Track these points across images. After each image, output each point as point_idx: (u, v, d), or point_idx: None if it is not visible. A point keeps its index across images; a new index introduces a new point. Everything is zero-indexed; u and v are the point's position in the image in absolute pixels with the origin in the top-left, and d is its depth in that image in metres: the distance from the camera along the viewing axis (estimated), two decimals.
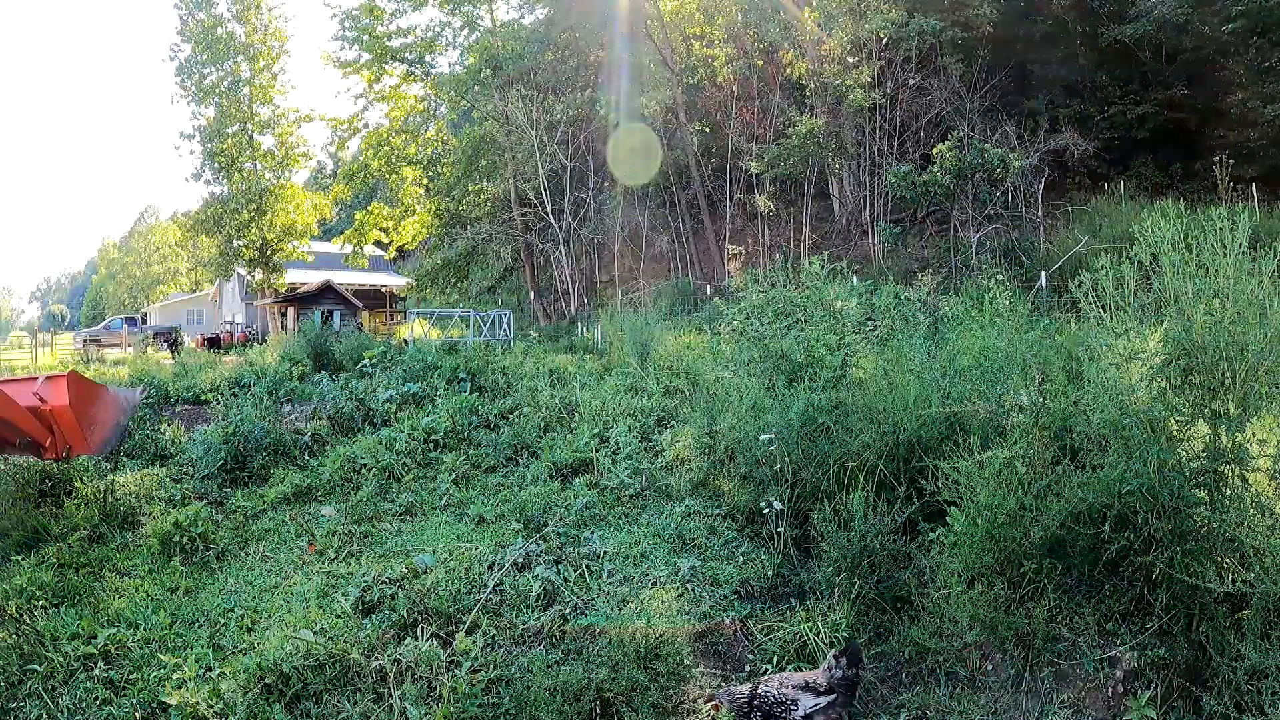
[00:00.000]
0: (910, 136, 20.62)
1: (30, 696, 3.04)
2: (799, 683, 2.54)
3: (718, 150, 24.06)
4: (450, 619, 3.24)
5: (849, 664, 2.53)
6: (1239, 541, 2.47)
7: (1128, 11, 19.64)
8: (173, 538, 4.48)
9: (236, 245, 26.12)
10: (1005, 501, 2.76)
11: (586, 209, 24.55)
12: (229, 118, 25.81)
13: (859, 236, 21.03)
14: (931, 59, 19.84)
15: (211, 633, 3.55)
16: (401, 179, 25.77)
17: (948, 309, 7.44)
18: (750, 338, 6.18)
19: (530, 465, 5.93)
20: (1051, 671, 2.71)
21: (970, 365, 4.01)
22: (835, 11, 18.94)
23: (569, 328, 20.54)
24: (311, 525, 4.78)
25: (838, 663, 2.53)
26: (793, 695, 2.52)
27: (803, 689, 2.52)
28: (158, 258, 66.92)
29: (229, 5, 25.98)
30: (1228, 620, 2.50)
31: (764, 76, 22.31)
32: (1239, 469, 2.57)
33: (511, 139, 24.51)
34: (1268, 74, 17.12)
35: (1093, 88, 20.16)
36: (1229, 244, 2.62)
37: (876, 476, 3.56)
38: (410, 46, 24.55)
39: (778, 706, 2.52)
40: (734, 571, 3.68)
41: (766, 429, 4.14)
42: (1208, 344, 2.57)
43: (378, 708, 2.75)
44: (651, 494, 4.92)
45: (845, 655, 2.54)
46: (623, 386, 7.84)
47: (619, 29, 22.52)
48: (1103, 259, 2.96)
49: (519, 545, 3.94)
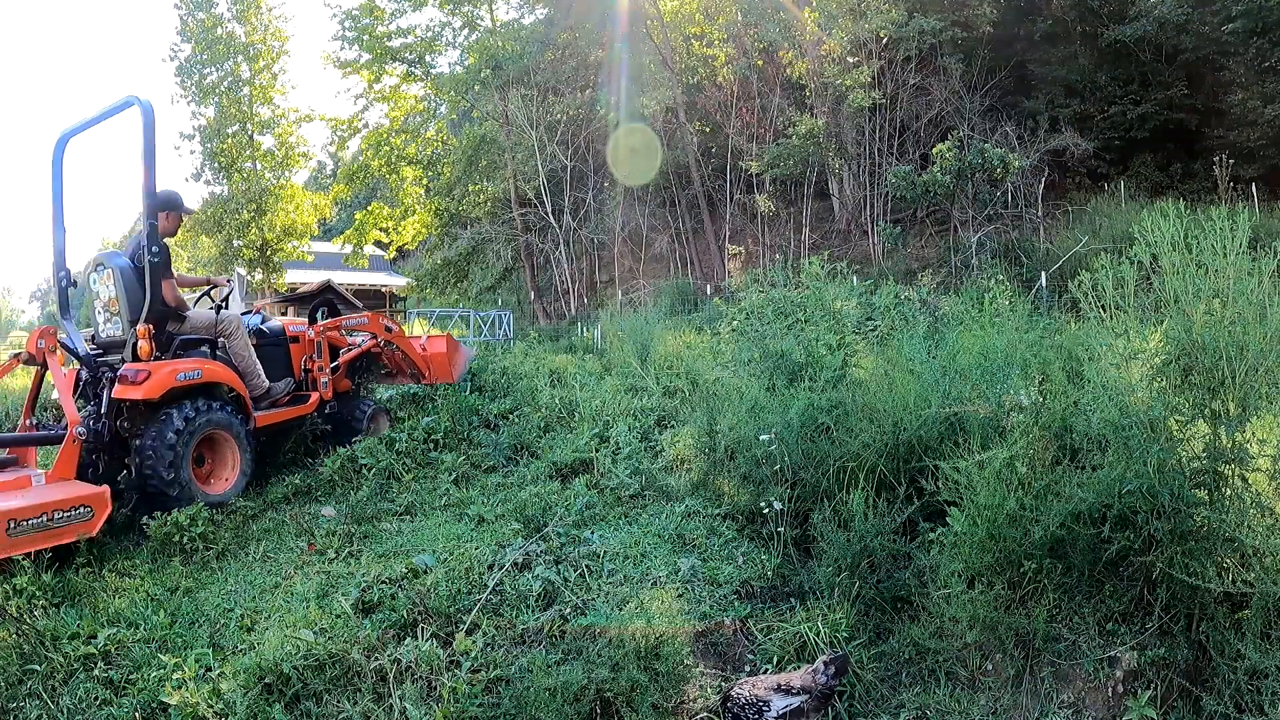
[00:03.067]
0: (910, 136, 20.61)
1: (30, 696, 3.04)
2: (773, 685, 2.54)
3: (718, 150, 24.05)
4: (450, 619, 3.24)
5: (835, 673, 2.52)
6: (1239, 541, 2.47)
7: (1128, 11, 19.62)
8: (173, 537, 4.48)
9: (236, 245, 26.12)
10: (1005, 501, 2.76)
11: (586, 209, 24.54)
12: (229, 118, 25.80)
13: (859, 236, 21.03)
14: (931, 59, 19.83)
15: (211, 633, 3.56)
16: (401, 179, 25.77)
17: (948, 309, 7.44)
18: (750, 338, 6.19)
19: (530, 465, 5.93)
20: (1051, 671, 2.71)
21: (970, 365, 4.01)
22: (835, 11, 18.93)
23: (569, 328, 20.54)
24: (311, 525, 4.78)
25: (825, 668, 2.52)
26: (765, 697, 2.51)
27: (775, 690, 2.52)
28: None
29: (229, 5, 25.96)
30: (1228, 620, 2.50)
31: (764, 76, 22.31)
32: (1239, 469, 2.57)
33: (511, 139, 24.51)
34: (1268, 74, 17.12)
35: (1093, 88, 20.15)
36: (1229, 244, 2.62)
37: (876, 476, 3.56)
38: (410, 46, 24.55)
39: (749, 709, 2.51)
40: (734, 571, 3.68)
41: (766, 429, 4.14)
42: (1208, 344, 2.57)
43: (378, 708, 2.75)
44: (651, 494, 4.91)
45: (833, 663, 2.53)
46: (623, 386, 7.84)
47: (619, 29, 22.51)
48: (1103, 259, 2.96)
49: (519, 545, 3.94)
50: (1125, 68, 20.11)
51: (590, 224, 24.49)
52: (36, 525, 3.93)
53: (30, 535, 3.90)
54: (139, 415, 4.84)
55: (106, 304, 5.17)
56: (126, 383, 4.63)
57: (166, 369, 4.81)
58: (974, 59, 19.96)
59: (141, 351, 4.76)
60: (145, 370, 4.67)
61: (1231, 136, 17.44)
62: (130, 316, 4.98)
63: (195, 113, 26.17)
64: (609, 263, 25.37)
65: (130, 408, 4.83)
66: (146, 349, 4.79)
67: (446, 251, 26.25)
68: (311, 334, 6.22)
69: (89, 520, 4.18)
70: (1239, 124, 17.82)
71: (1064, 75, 20.42)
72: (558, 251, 24.57)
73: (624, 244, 24.94)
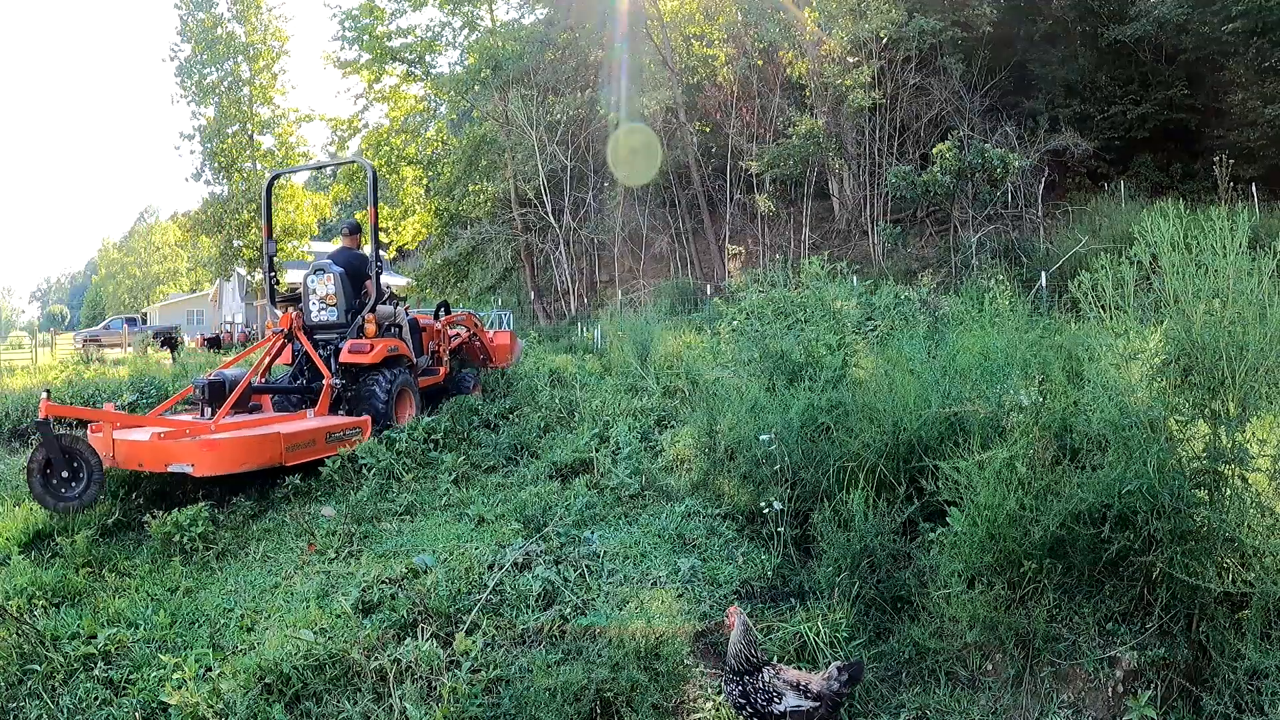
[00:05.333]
0: (910, 136, 20.62)
1: (30, 696, 3.04)
2: (793, 680, 2.54)
3: (718, 150, 24.06)
4: (450, 619, 3.24)
5: (849, 680, 2.52)
6: (1239, 541, 2.47)
7: (1128, 11, 19.64)
8: (173, 537, 4.48)
9: (236, 245, 26.14)
10: (1005, 501, 2.76)
11: (586, 209, 24.55)
12: (229, 118, 25.82)
13: (859, 236, 21.03)
14: (931, 59, 19.83)
15: (211, 633, 3.55)
16: (401, 179, 25.78)
17: (948, 309, 7.44)
18: (750, 338, 6.19)
19: (530, 465, 5.93)
20: (1051, 671, 2.71)
21: (970, 365, 4.01)
22: (835, 11, 18.94)
23: (569, 328, 20.54)
24: (311, 525, 4.78)
25: (839, 674, 2.52)
26: (780, 689, 2.51)
27: (793, 687, 2.52)
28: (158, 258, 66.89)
29: (229, 5, 25.99)
30: (1228, 620, 2.50)
31: (764, 76, 22.31)
32: (1239, 469, 2.57)
33: (511, 139, 24.51)
34: (1268, 74, 17.13)
35: (1093, 88, 20.16)
36: (1229, 244, 2.62)
37: (876, 476, 3.56)
38: (410, 46, 24.55)
39: (760, 692, 2.52)
40: (734, 571, 3.67)
41: (766, 429, 4.14)
42: (1208, 344, 2.57)
43: (378, 708, 2.75)
44: (651, 494, 4.91)
45: (847, 670, 2.53)
46: (623, 386, 7.84)
47: (619, 29, 22.52)
48: (1103, 259, 2.96)
49: (519, 545, 3.94)
50: (1125, 68, 20.12)
51: (590, 224, 24.49)
52: (337, 439, 5.77)
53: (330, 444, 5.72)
54: (362, 372, 6.68)
55: (323, 298, 7.01)
56: (358, 352, 6.50)
57: (380, 344, 6.65)
58: (974, 59, 19.96)
59: (368, 332, 6.76)
60: (370, 344, 6.59)
61: (1231, 136, 17.45)
62: (345, 307, 6.95)
63: (195, 113, 26.22)
64: (609, 263, 25.37)
65: (356, 368, 6.65)
66: (372, 330, 6.78)
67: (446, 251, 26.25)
68: (438, 325, 8.21)
69: (358, 437, 5.97)
70: (1239, 124, 17.83)
71: (1064, 75, 20.42)
72: (558, 251, 24.58)
73: (624, 244, 24.95)
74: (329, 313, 7.00)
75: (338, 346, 6.72)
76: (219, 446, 5.03)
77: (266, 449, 5.22)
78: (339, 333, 6.91)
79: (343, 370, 6.66)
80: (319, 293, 7.01)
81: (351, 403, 6.63)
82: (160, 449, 4.98)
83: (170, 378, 10.72)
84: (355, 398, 6.62)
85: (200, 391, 6.40)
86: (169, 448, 4.98)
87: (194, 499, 5.11)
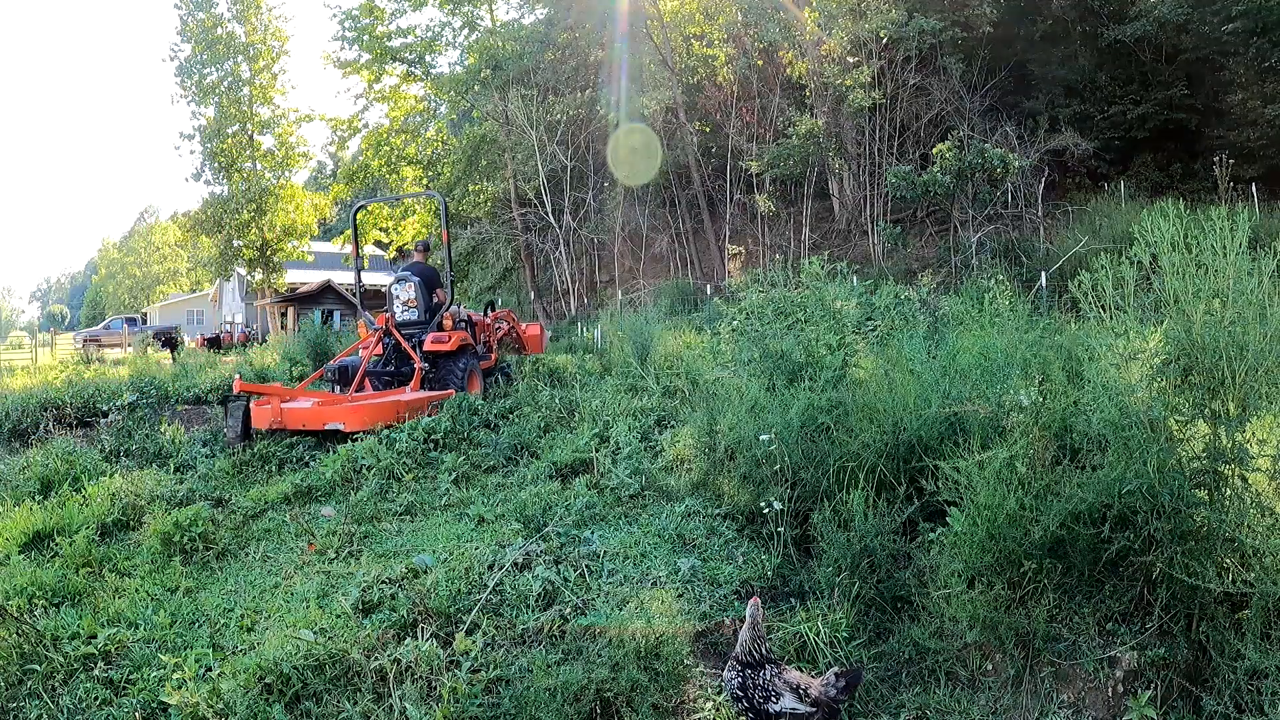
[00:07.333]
0: (910, 136, 20.61)
1: (30, 696, 3.04)
2: (794, 682, 2.53)
3: (718, 150, 24.06)
4: (450, 619, 3.24)
5: (846, 687, 2.51)
6: (1239, 541, 2.47)
7: (1128, 11, 19.63)
8: (173, 537, 4.48)
9: (236, 245, 26.14)
10: (1005, 501, 2.76)
11: (586, 209, 24.55)
12: (229, 118, 25.82)
13: (859, 236, 21.03)
14: (931, 59, 19.83)
15: (211, 633, 3.55)
16: (401, 179, 25.78)
17: (948, 309, 7.43)
18: (750, 338, 6.18)
19: (530, 465, 5.93)
20: (1051, 671, 2.71)
21: (970, 365, 4.01)
22: (835, 11, 18.94)
23: (569, 328, 20.55)
24: (311, 525, 4.78)
25: (837, 680, 2.51)
26: (780, 689, 2.51)
27: (791, 689, 2.52)
28: (158, 258, 66.88)
29: (229, 5, 25.99)
30: (1228, 620, 2.50)
31: (764, 76, 22.31)
32: (1239, 469, 2.57)
33: (511, 139, 24.52)
34: (1268, 74, 17.14)
35: (1093, 88, 20.16)
36: (1229, 244, 2.62)
37: (876, 476, 3.56)
38: (410, 46, 24.56)
39: (759, 688, 2.52)
40: (734, 571, 3.67)
41: (766, 429, 4.14)
42: (1208, 344, 2.57)
43: (378, 708, 2.74)
44: (651, 494, 4.91)
45: (845, 677, 2.52)
46: (623, 386, 7.84)
47: (619, 29, 22.53)
48: (1103, 259, 2.95)
49: (519, 545, 3.94)
50: (1125, 68, 20.12)
51: (590, 224, 24.49)
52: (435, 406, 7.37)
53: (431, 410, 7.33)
54: (441, 358, 8.31)
55: (405, 302, 8.84)
56: (440, 343, 8.20)
57: (456, 336, 8.33)
58: (974, 59, 19.96)
59: (445, 327, 8.51)
60: (449, 336, 8.30)
61: (1231, 136, 17.45)
62: (423, 308, 8.78)
63: (195, 113, 26.23)
64: (609, 263, 25.37)
65: (438, 355, 8.30)
66: (449, 324, 8.54)
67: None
68: (488, 320, 9.96)
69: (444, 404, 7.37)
70: (1239, 124, 17.83)
71: (1064, 75, 20.42)
72: (558, 251, 24.58)
73: (624, 244, 24.95)
74: (410, 313, 8.85)
75: (420, 339, 8.37)
76: (361, 410, 6.93)
77: (390, 412, 6.99)
78: (419, 329, 8.65)
79: (427, 357, 8.30)
80: (402, 298, 8.87)
81: (434, 382, 8.23)
82: (321, 413, 6.90)
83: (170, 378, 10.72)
84: (437, 377, 8.26)
85: (331, 374, 8.45)
86: (327, 412, 6.91)
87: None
